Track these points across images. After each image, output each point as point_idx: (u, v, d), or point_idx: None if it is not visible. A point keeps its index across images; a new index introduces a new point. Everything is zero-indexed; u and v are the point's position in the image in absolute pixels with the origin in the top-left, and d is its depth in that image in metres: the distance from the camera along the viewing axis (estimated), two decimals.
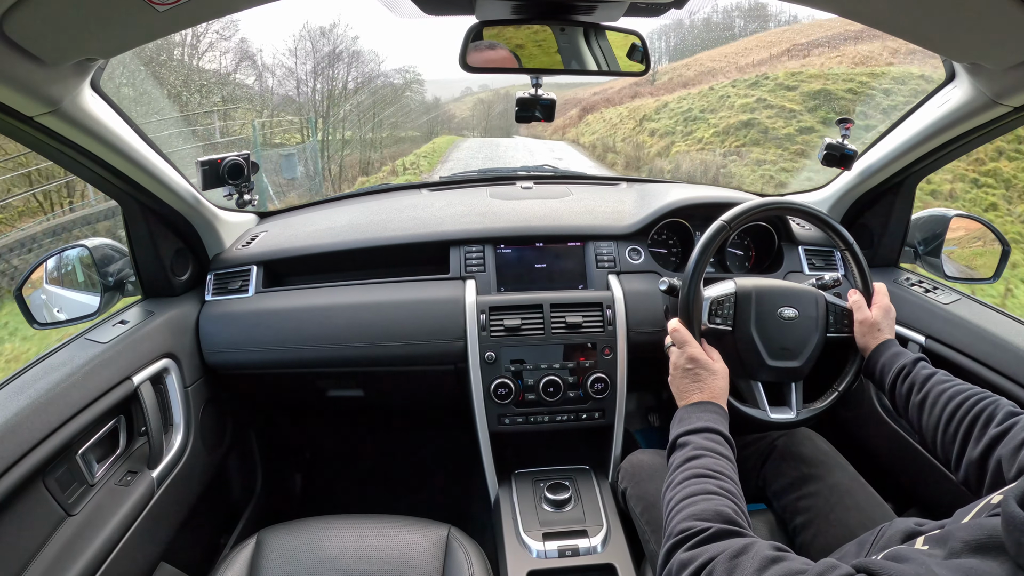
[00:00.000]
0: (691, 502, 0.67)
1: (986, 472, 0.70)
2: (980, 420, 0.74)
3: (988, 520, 0.45)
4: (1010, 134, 5.03)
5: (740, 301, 1.00)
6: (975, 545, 0.44)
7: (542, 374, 1.20)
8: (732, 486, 0.71)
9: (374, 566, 0.93)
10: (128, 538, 0.95)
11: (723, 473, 0.73)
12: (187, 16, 0.68)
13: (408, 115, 20.14)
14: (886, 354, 0.93)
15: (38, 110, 0.77)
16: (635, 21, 0.88)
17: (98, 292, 1.14)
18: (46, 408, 0.84)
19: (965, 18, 0.71)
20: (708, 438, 0.79)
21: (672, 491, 0.72)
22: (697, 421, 0.82)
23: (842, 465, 1.00)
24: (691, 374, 0.90)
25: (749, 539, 0.59)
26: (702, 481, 0.71)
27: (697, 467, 0.73)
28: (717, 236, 0.99)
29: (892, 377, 0.90)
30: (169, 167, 1.10)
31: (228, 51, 15.39)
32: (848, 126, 1.24)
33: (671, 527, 0.66)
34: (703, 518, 0.64)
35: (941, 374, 0.85)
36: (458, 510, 1.58)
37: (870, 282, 1.03)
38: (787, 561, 0.53)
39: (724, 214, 1.00)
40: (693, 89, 17.71)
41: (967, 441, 0.75)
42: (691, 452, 0.76)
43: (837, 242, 1.06)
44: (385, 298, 1.26)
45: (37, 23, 0.62)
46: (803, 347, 1.00)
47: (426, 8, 0.84)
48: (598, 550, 1.06)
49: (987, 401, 0.76)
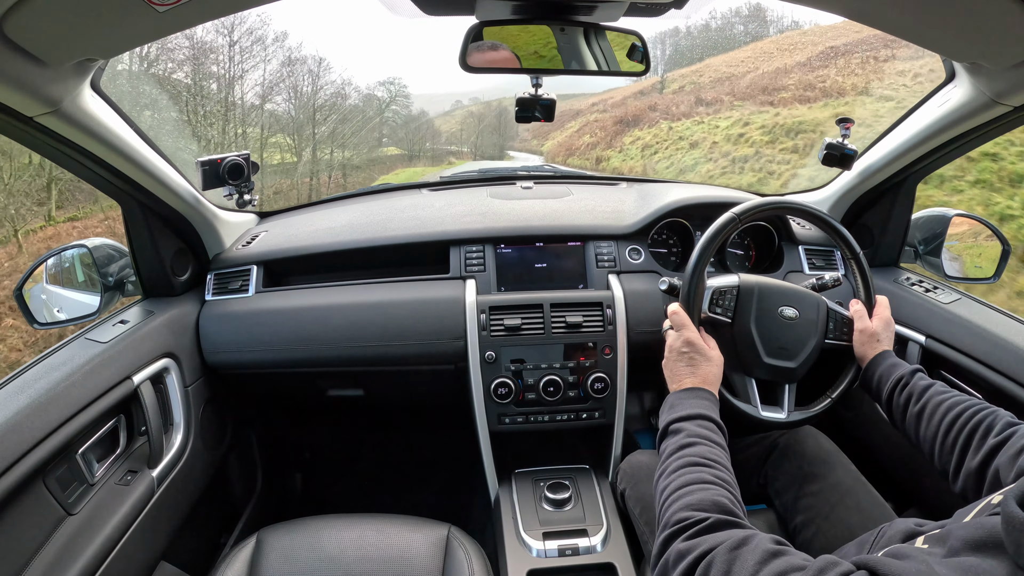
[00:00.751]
0: (687, 491, 0.66)
1: (984, 481, 0.70)
2: (979, 431, 0.74)
3: (988, 519, 0.45)
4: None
5: (742, 295, 1.00)
6: (975, 544, 0.44)
7: (542, 374, 1.20)
8: (727, 475, 0.70)
9: (374, 566, 0.93)
10: (128, 537, 0.95)
11: (718, 462, 0.71)
12: (187, 16, 0.68)
13: (394, 131, 18.74)
14: (883, 364, 0.93)
15: (38, 110, 0.77)
16: (635, 21, 0.88)
17: (98, 292, 1.14)
18: (46, 408, 0.84)
19: (965, 18, 0.71)
20: (701, 425, 0.77)
21: (666, 479, 0.71)
22: (689, 408, 0.80)
23: (844, 465, 1.00)
24: (686, 357, 0.89)
25: (749, 531, 0.58)
26: (697, 470, 0.69)
27: (691, 455, 0.72)
28: (726, 227, 0.98)
29: (890, 387, 0.89)
30: (169, 167, 1.10)
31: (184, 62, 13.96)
32: (848, 126, 1.24)
33: (667, 516, 0.65)
34: (700, 508, 0.63)
35: (939, 385, 0.84)
36: (458, 510, 1.58)
37: (873, 293, 1.03)
38: (788, 556, 0.53)
39: (735, 207, 1.00)
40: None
41: (966, 452, 0.74)
42: (684, 439, 0.75)
43: (844, 250, 1.05)
44: (385, 298, 1.26)
45: (37, 23, 0.62)
46: (800, 348, 0.99)
47: (426, 8, 0.84)
48: (598, 549, 1.06)
49: (986, 412, 0.75)
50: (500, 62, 0.87)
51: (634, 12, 0.84)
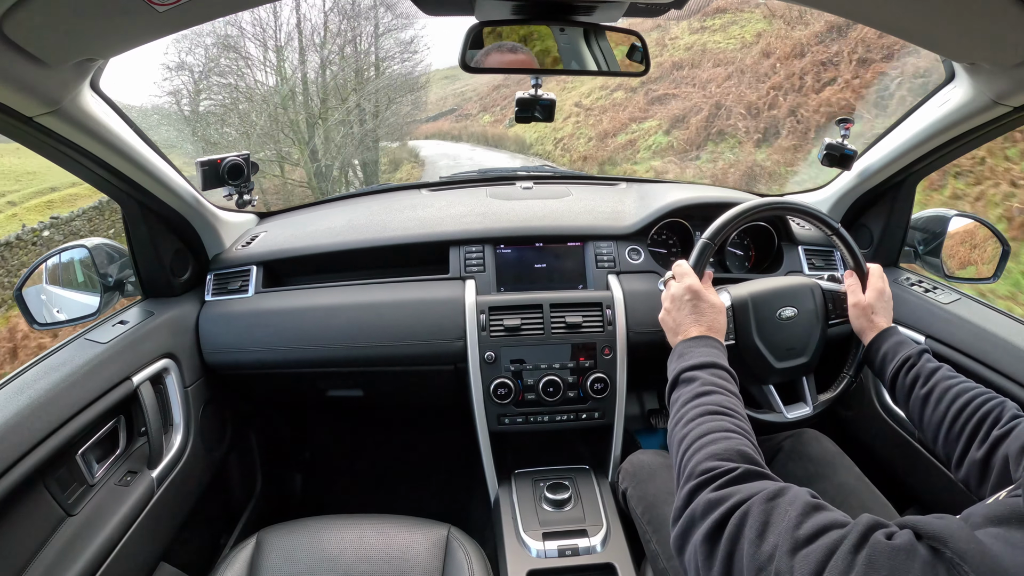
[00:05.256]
0: (709, 440, 0.63)
1: (989, 472, 0.69)
2: (987, 422, 0.72)
3: (1009, 499, 0.46)
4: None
5: (738, 311, 0.99)
6: (997, 519, 0.44)
7: (542, 374, 1.20)
8: (747, 424, 0.67)
9: (374, 566, 0.93)
10: (128, 538, 0.95)
11: (736, 411, 0.69)
12: (187, 16, 0.68)
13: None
14: (889, 342, 0.90)
15: (38, 110, 0.77)
16: (635, 21, 0.88)
17: (98, 292, 1.14)
18: (46, 408, 0.84)
19: (965, 18, 0.71)
20: (715, 374, 0.75)
21: (684, 428, 0.67)
22: (701, 356, 0.78)
23: (847, 466, 1.00)
24: (690, 305, 0.86)
25: (781, 483, 0.56)
26: (717, 418, 0.66)
27: (709, 403, 0.69)
28: (704, 254, 0.96)
29: (895, 367, 0.87)
30: (169, 167, 1.10)
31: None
32: (848, 126, 1.24)
33: (690, 467, 0.61)
34: (726, 458, 0.60)
35: (946, 369, 0.83)
36: (458, 510, 1.58)
37: (863, 262, 1.01)
38: (829, 511, 0.50)
39: (706, 231, 0.98)
40: None
41: (971, 442, 0.73)
42: (700, 388, 0.72)
43: (822, 228, 1.04)
44: (385, 298, 1.26)
45: (37, 23, 0.62)
46: (808, 343, 0.99)
47: (426, 8, 0.84)
48: (598, 550, 1.06)
49: (994, 403, 0.75)
50: (500, 62, 0.87)
51: (634, 12, 0.84)
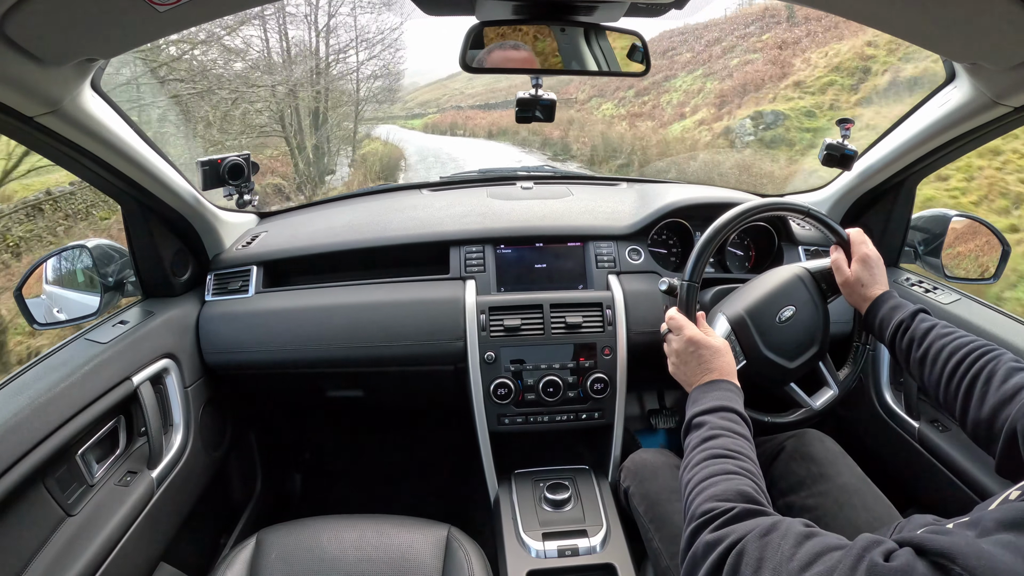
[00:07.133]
0: (711, 483, 0.66)
1: (997, 435, 0.69)
2: (981, 378, 0.73)
3: (1019, 503, 0.46)
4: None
5: (739, 331, 0.99)
6: (1008, 523, 0.44)
7: (542, 374, 1.20)
8: (751, 465, 0.70)
9: (374, 566, 0.93)
10: (128, 538, 0.95)
11: (741, 452, 0.71)
12: (188, 16, 0.68)
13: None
14: (884, 308, 0.91)
15: (38, 110, 0.77)
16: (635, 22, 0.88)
17: (98, 292, 1.14)
18: (46, 408, 0.84)
19: (965, 18, 0.71)
20: (724, 417, 0.77)
21: (690, 472, 0.70)
22: (712, 400, 0.80)
23: (849, 466, 1.00)
24: (695, 356, 0.88)
25: (775, 517, 0.58)
26: (721, 461, 0.69)
27: (715, 447, 0.72)
28: (691, 296, 0.96)
29: (891, 332, 0.88)
30: (169, 167, 1.10)
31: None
32: (848, 126, 1.24)
33: (692, 509, 0.65)
34: (725, 498, 0.62)
35: (941, 326, 0.83)
36: (458, 510, 1.58)
37: (841, 232, 0.99)
38: (821, 536, 0.52)
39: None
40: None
41: (969, 400, 0.74)
42: (707, 432, 0.75)
43: (792, 216, 1.03)
44: (385, 298, 1.26)
45: (37, 23, 0.62)
46: (814, 332, 1.00)
47: (426, 8, 0.84)
48: (597, 550, 1.06)
49: (988, 357, 0.75)
50: (500, 62, 0.87)
51: (634, 12, 0.84)
